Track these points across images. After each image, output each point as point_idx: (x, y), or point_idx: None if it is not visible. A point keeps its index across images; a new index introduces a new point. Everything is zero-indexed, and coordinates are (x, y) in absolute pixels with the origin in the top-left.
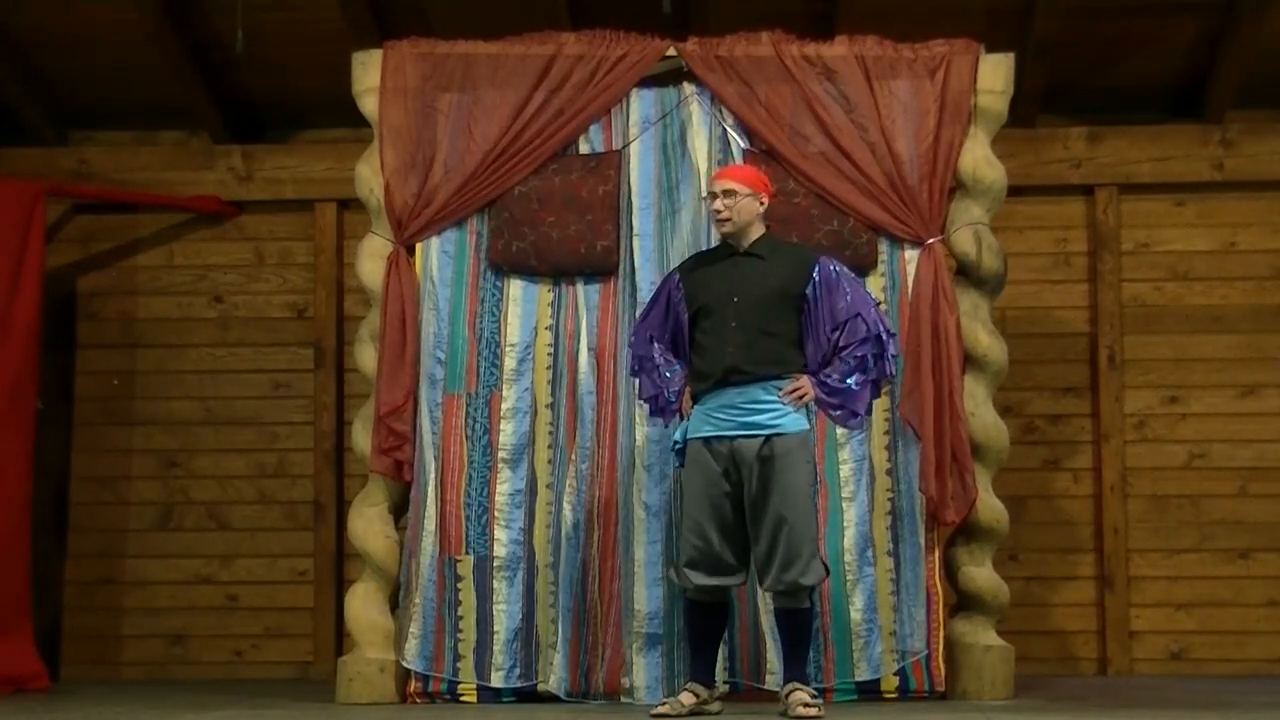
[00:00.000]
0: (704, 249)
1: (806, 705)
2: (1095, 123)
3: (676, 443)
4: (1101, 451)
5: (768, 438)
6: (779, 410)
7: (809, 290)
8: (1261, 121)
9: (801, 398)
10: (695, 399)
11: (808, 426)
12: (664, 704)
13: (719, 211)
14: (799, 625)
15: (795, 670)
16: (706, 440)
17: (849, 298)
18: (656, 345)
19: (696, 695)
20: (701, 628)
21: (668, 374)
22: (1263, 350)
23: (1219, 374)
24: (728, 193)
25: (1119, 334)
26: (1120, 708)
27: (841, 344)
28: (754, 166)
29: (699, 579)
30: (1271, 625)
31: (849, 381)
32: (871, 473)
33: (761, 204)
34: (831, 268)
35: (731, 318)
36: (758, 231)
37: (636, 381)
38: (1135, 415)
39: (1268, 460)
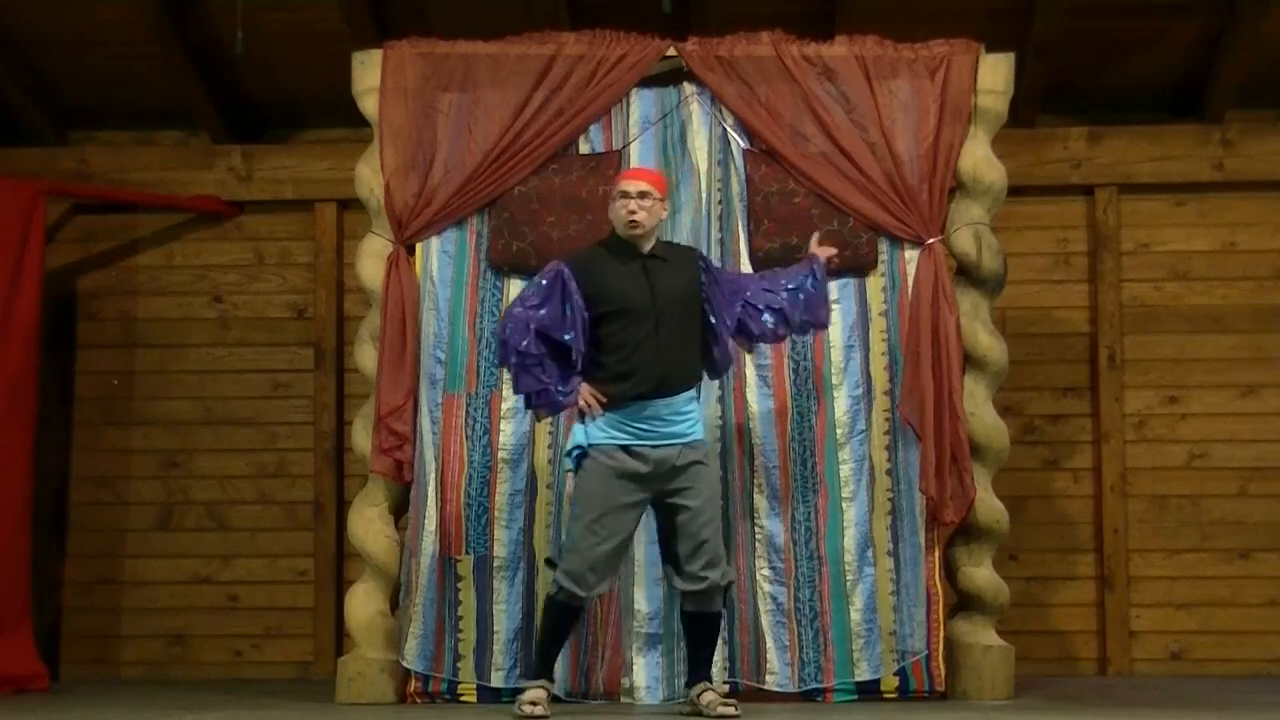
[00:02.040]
0: (593, 247)
1: (725, 704)
2: (1095, 123)
3: (578, 446)
4: (1101, 451)
5: (686, 444)
6: (695, 418)
7: (703, 278)
8: (1261, 121)
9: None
10: (610, 404)
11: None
12: (535, 705)
13: (634, 212)
14: (712, 627)
15: (703, 671)
16: (624, 448)
17: (727, 275)
18: (538, 343)
19: (549, 691)
20: (567, 627)
21: (557, 375)
22: (1263, 350)
23: (1219, 374)
24: (644, 194)
25: (1119, 334)
26: (1120, 708)
27: (763, 289)
28: (660, 172)
29: (597, 588)
30: (1271, 625)
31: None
32: (871, 473)
33: (665, 210)
34: (703, 256)
35: (657, 325)
36: (655, 236)
37: (508, 373)
38: (1135, 415)
39: (1268, 460)
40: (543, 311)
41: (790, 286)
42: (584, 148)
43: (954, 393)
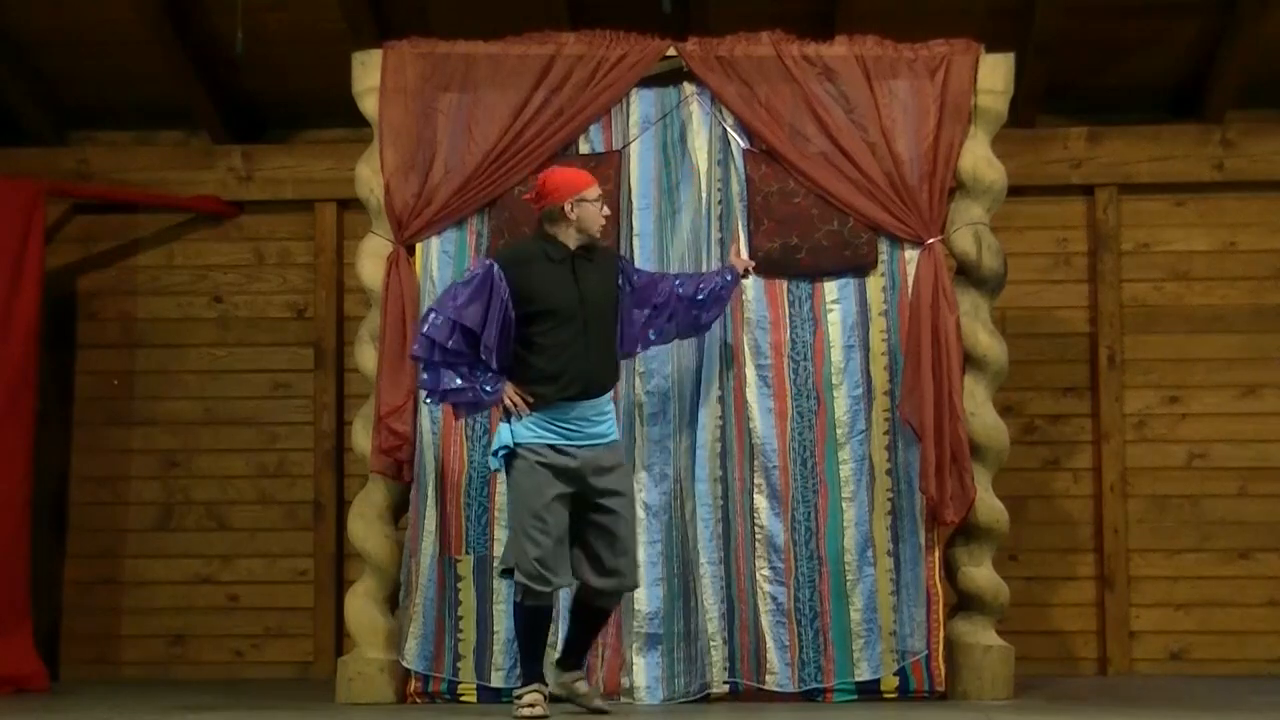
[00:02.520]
0: (523, 244)
1: (602, 697)
2: (1095, 123)
3: (505, 446)
4: (1101, 451)
5: (607, 445)
6: (612, 418)
7: (620, 281)
8: (1261, 121)
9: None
10: (538, 404)
11: None
12: (534, 706)
13: (606, 219)
14: (602, 623)
15: (581, 660)
16: (552, 447)
17: (640, 271)
18: (462, 340)
19: (543, 693)
20: (544, 629)
21: (481, 374)
22: (1263, 350)
23: (1219, 374)
24: (600, 198)
25: (1119, 334)
26: (1120, 708)
27: (673, 289)
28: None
29: (557, 580)
30: (1271, 625)
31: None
32: (871, 473)
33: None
34: (619, 255)
35: (585, 327)
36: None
37: (423, 369)
38: (1135, 415)
39: (1268, 460)
40: (470, 308)
41: (703, 294)
42: (584, 148)
43: (954, 393)
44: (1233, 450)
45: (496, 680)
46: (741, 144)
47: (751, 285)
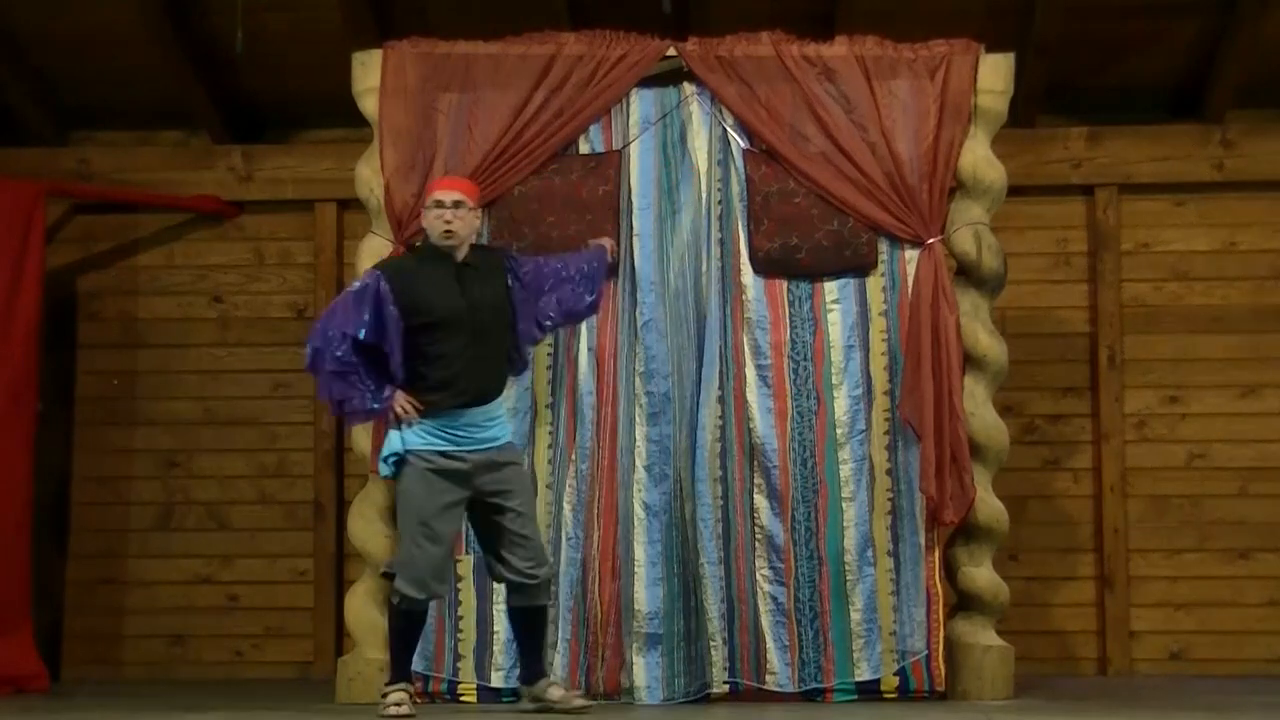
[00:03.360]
0: (407, 255)
1: (579, 695)
2: (1095, 123)
3: (395, 453)
4: (1101, 451)
5: (500, 447)
6: (504, 421)
7: (510, 283)
8: (1261, 121)
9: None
10: (426, 410)
11: None
12: (401, 705)
13: (449, 223)
14: (542, 620)
15: (540, 665)
16: (442, 453)
17: (526, 260)
18: (353, 351)
19: (409, 693)
20: (416, 634)
21: (370, 383)
22: (1263, 350)
23: (1219, 374)
24: (458, 204)
25: (1119, 334)
26: (1120, 708)
27: (560, 282)
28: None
29: (437, 588)
30: (1271, 625)
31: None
32: (871, 473)
33: (479, 217)
34: (508, 254)
35: (473, 336)
36: (468, 242)
37: (320, 379)
38: (1135, 415)
39: (1268, 460)
40: (365, 318)
41: (579, 275)
42: (584, 148)
43: (954, 393)
44: (1233, 450)
45: (496, 680)
46: (741, 144)
47: (751, 285)
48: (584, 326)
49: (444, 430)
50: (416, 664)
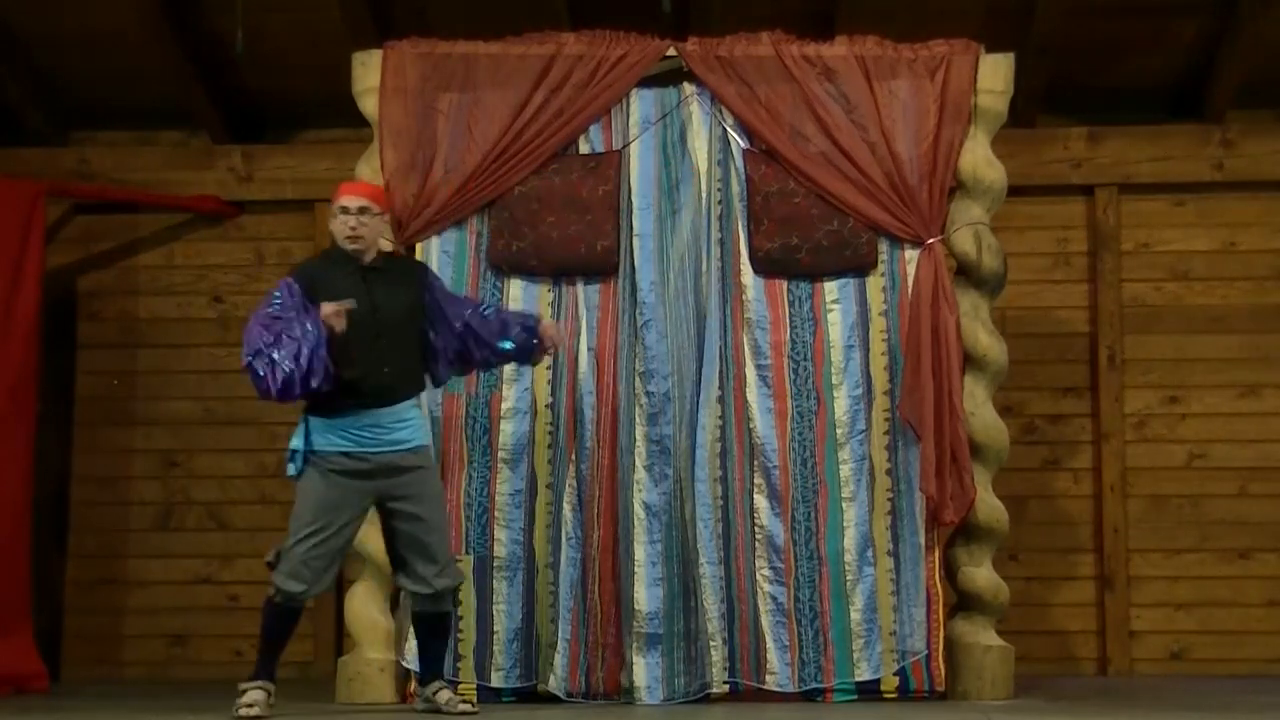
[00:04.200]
0: (317, 259)
1: (464, 700)
2: (1095, 123)
3: (295, 450)
4: (1101, 451)
5: (409, 450)
6: (416, 424)
7: (427, 297)
8: (1261, 121)
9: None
10: (329, 410)
11: None
12: (252, 706)
13: (354, 229)
14: (445, 626)
15: (438, 667)
16: (346, 454)
17: (447, 292)
18: (267, 332)
19: (268, 692)
20: (288, 630)
21: (296, 328)
22: (1263, 350)
23: (1219, 374)
24: (364, 210)
25: (1119, 334)
26: (1120, 708)
27: (478, 318)
28: (380, 186)
29: (314, 588)
30: (1271, 625)
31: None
32: (871, 473)
33: (385, 222)
34: (428, 271)
35: (377, 337)
36: (377, 247)
37: (261, 369)
38: (1135, 415)
39: (1268, 460)
40: (273, 325)
41: (508, 344)
42: (584, 148)
43: (954, 392)
44: (1233, 450)
45: (496, 680)
46: (741, 144)
47: (751, 285)
48: (584, 326)
49: (349, 430)
50: (415, 664)
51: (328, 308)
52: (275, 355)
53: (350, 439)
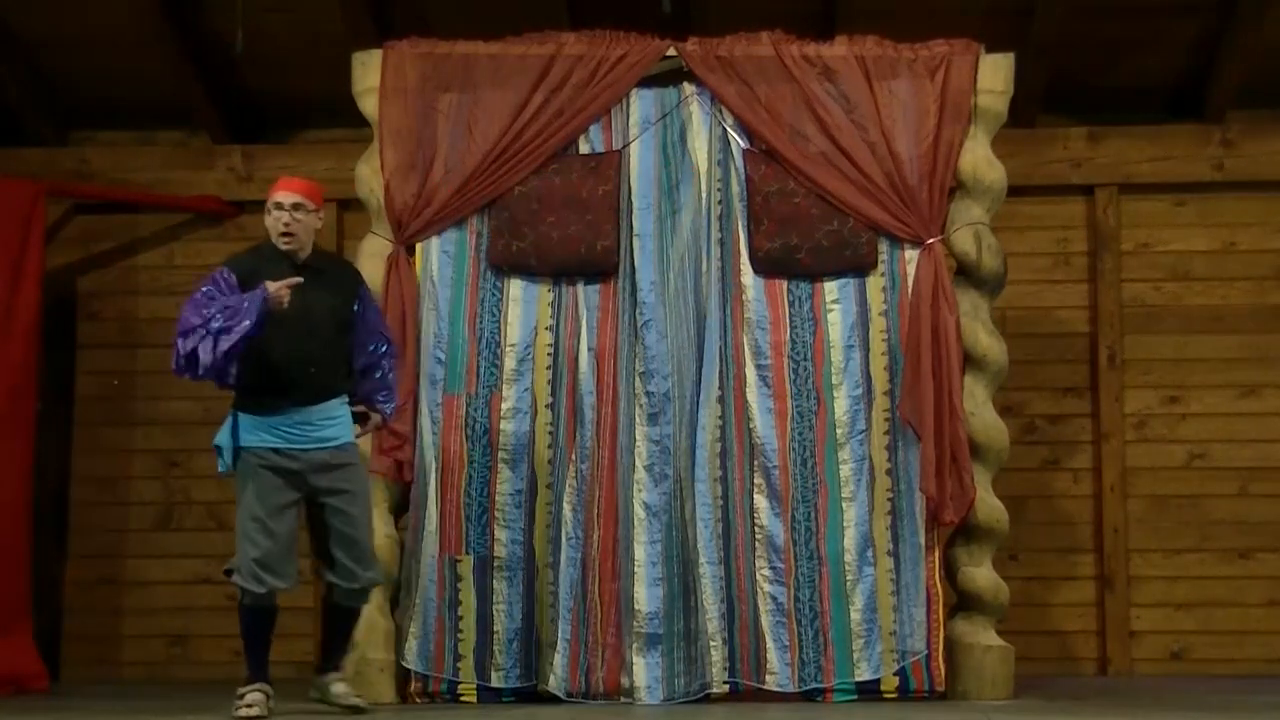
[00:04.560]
0: (250, 253)
1: (356, 695)
2: (1095, 123)
3: (219, 446)
4: (1101, 451)
5: (337, 447)
6: (344, 422)
7: (356, 305)
8: (1261, 121)
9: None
10: (258, 407)
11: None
12: (253, 707)
13: (288, 225)
14: (352, 622)
15: (338, 659)
16: (275, 450)
17: (374, 313)
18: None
19: (267, 694)
20: (268, 630)
21: (234, 306)
22: (1263, 350)
23: (1219, 374)
24: (298, 206)
25: (1119, 334)
26: (1120, 708)
27: (376, 358)
28: (317, 182)
29: (273, 581)
30: (1271, 625)
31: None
32: (871, 473)
33: (320, 220)
34: (363, 282)
35: (307, 335)
36: (311, 245)
37: (213, 349)
38: (1135, 415)
39: (1268, 460)
40: (207, 310)
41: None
42: (584, 148)
43: (954, 393)
44: (1233, 450)
45: (496, 680)
46: (741, 144)
47: (752, 285)
48: (584, 326)
49: (277, 428)
50: (415, 664)
51: (273, 285)
52: (211, 327)
53: (280, 436)
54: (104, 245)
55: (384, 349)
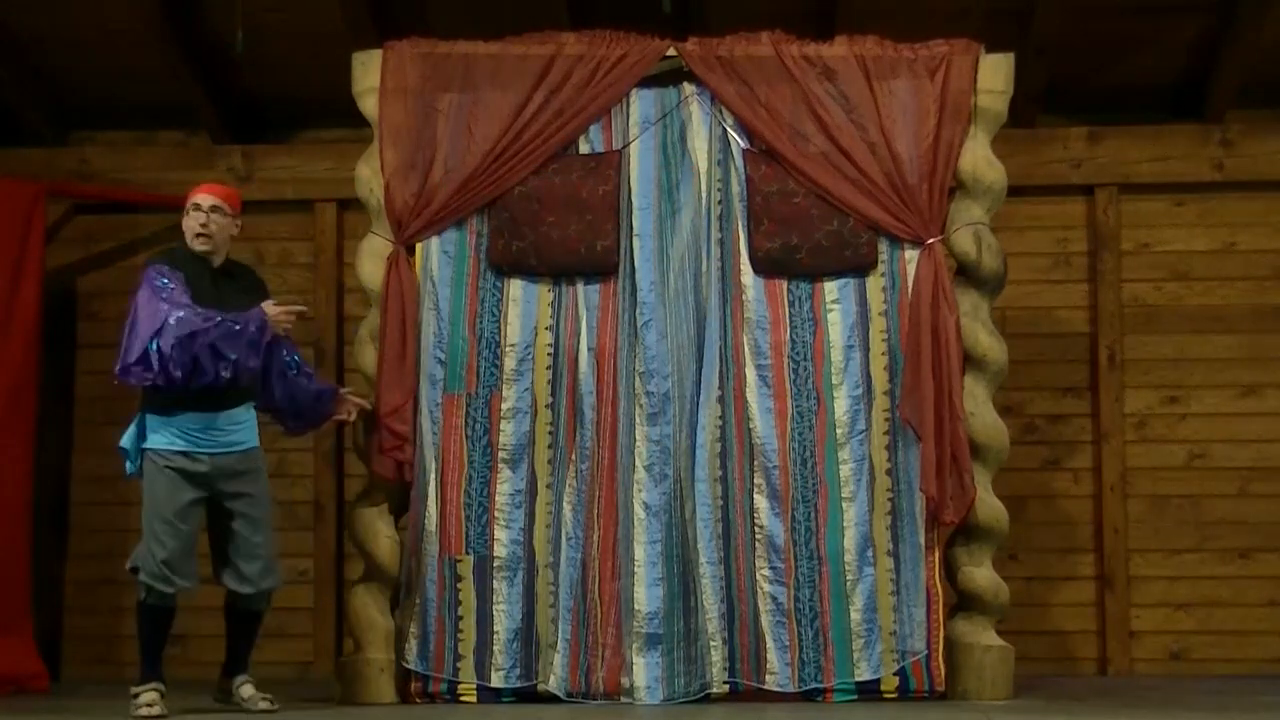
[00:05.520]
0: (170, 253)
1: (264, 697)
2: (1095, 123)
3: (124, 449)
4: (1101, 451)
5: (244, 452)
6: (250, 426)
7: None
8: (1261, 121)
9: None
10: (168, 409)
11: None
12: (153, 706)
13: (205, 226)
14: (255, 626)
15: (244, 662)
16: (183, 453)
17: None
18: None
19: (161, 692)
20: (164, 629)
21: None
22: (1263, 350)
23: (1219, 374)
24: (216, 209)
25: (1119, 334)
26: (1120, 708)
27: (296, 362)
28: (237, 191)
29: (180, 582)
30: (1271, 625)
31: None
32: (871, 473)
33: (237, 227)
34: (269, 293)
35: None
36: (225, 251)
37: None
38: (1135, 415)
39: (1268, 460)
40: (178, 306)
41: (321, 402)
42: (584, 148)
43: (954, 393)
44: (1233, 450)
45: (496, 680)
46: (741, 144)
47: (751, 285)
48: (584, 326)
49: (186, 432)
50: (415, 664)
51: (274, 309)
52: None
53: (188, 439)
54: (104, 245)
55: (297, 353)
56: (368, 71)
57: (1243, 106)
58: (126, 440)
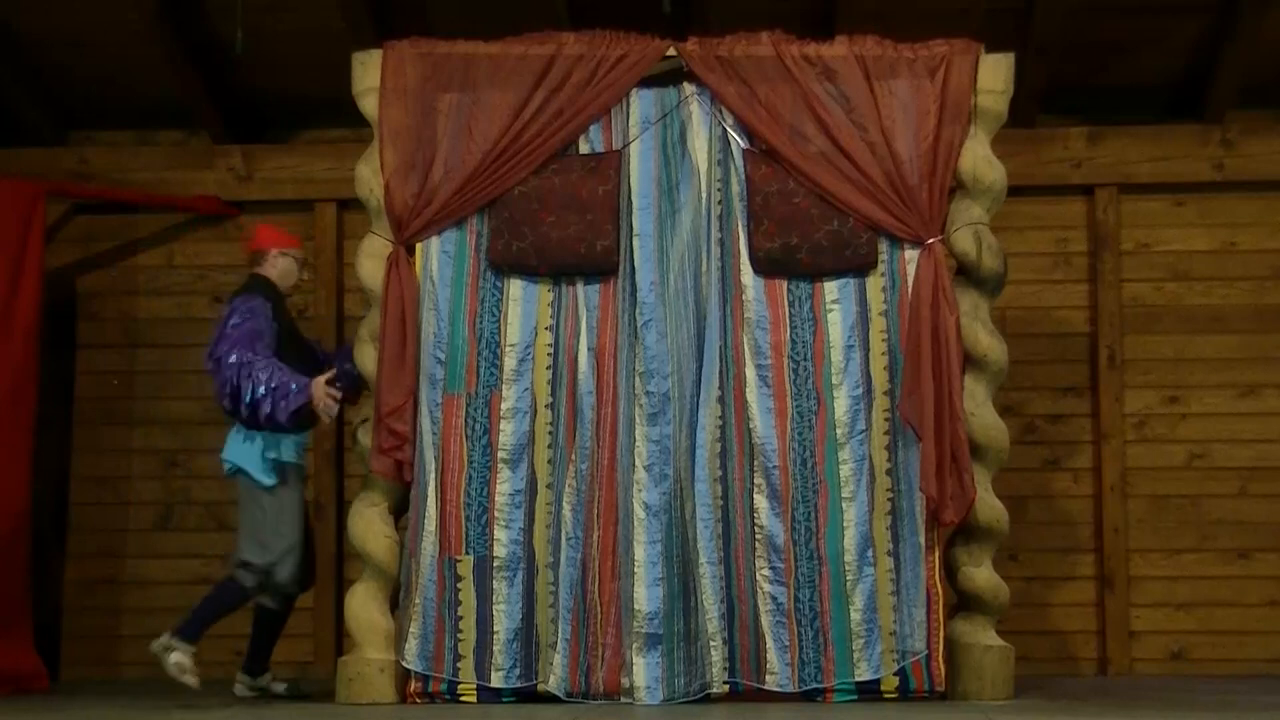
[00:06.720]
0: (259, 292)
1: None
2: (1095, 123)
3: (277, 460)
4: (1101, 451)
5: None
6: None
7: None
8: (1261, 121)
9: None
10: (301, 427)
11: None
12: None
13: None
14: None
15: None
16: (296, 465)
17: None
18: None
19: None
20: (279, 628)
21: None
22: (1263, 350)
23: (1219, 374)
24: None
25: (1119, 334)
26: (1120, 708)
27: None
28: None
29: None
30: (1271, 625)
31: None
32: (871, 473)
33: None
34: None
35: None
36: None
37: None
38: (1135, 415)
39: (1268, 460)
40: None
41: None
42: (584, 148)
43: (954, 393)
44: (1233, 450)
45: (496, 680)
46: (741, 144)
47: (751, 285)
48: (584, 326)
49: (296, 442)
50: (415, 664)
51: (322, 393)
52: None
53: (299, 450)
54: (104, 245)
55: (319, 352)
56: (368, 71)
57: (1243, 106)
58: (274, 451)
